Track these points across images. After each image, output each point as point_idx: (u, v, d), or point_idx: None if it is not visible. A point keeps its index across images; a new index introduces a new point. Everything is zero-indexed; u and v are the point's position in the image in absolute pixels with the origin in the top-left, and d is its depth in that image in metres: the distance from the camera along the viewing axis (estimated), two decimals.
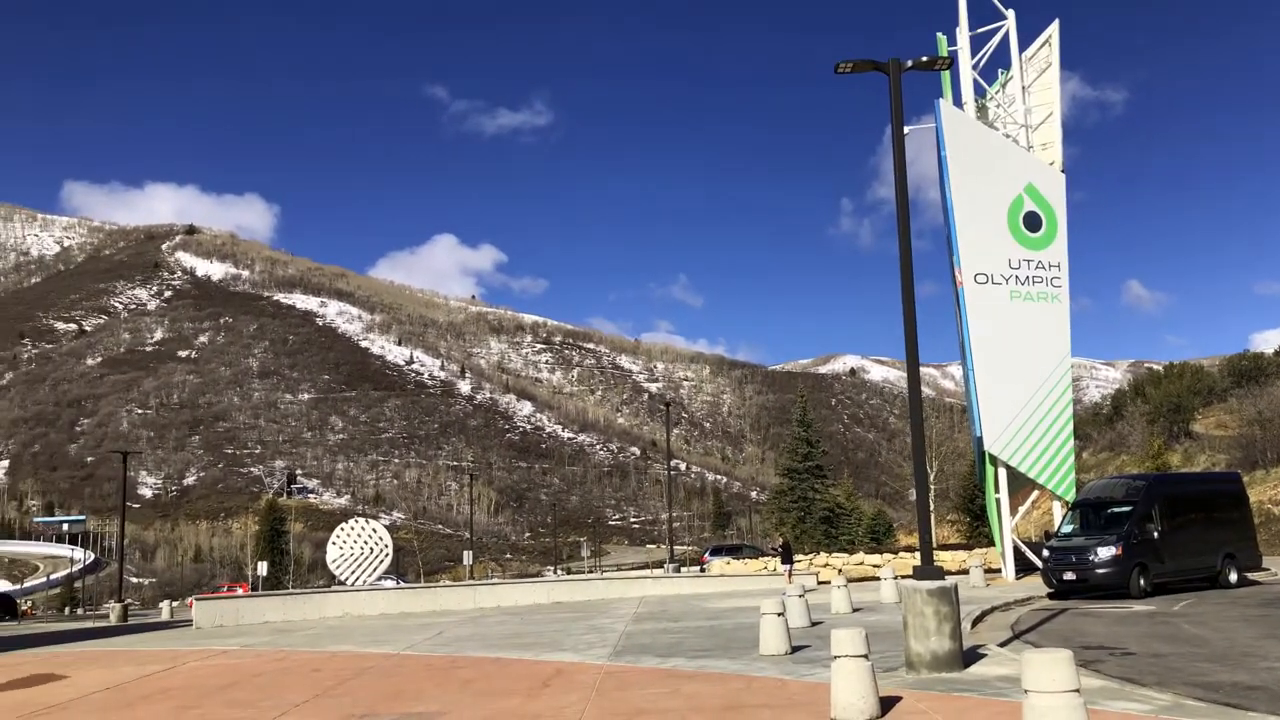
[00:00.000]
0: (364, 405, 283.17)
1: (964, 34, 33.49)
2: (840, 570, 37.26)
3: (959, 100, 33.13)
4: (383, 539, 37.97)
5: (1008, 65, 34.08)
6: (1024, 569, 32.57)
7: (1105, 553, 24.75)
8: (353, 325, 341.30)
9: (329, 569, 40.26)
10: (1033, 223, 32.03)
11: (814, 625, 19.01)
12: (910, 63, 15.33)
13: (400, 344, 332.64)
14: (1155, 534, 25.60)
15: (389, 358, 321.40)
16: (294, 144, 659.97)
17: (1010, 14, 33.81)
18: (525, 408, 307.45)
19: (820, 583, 34.91)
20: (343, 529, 38.43)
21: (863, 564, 39.91)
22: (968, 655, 13.18)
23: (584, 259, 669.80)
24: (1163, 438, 70.93)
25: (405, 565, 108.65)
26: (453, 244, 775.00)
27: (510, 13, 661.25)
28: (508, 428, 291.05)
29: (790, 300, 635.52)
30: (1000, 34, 33.92)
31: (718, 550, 56.88)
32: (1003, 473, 31.65)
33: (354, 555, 37.01)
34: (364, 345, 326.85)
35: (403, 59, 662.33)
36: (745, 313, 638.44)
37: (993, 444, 31.20)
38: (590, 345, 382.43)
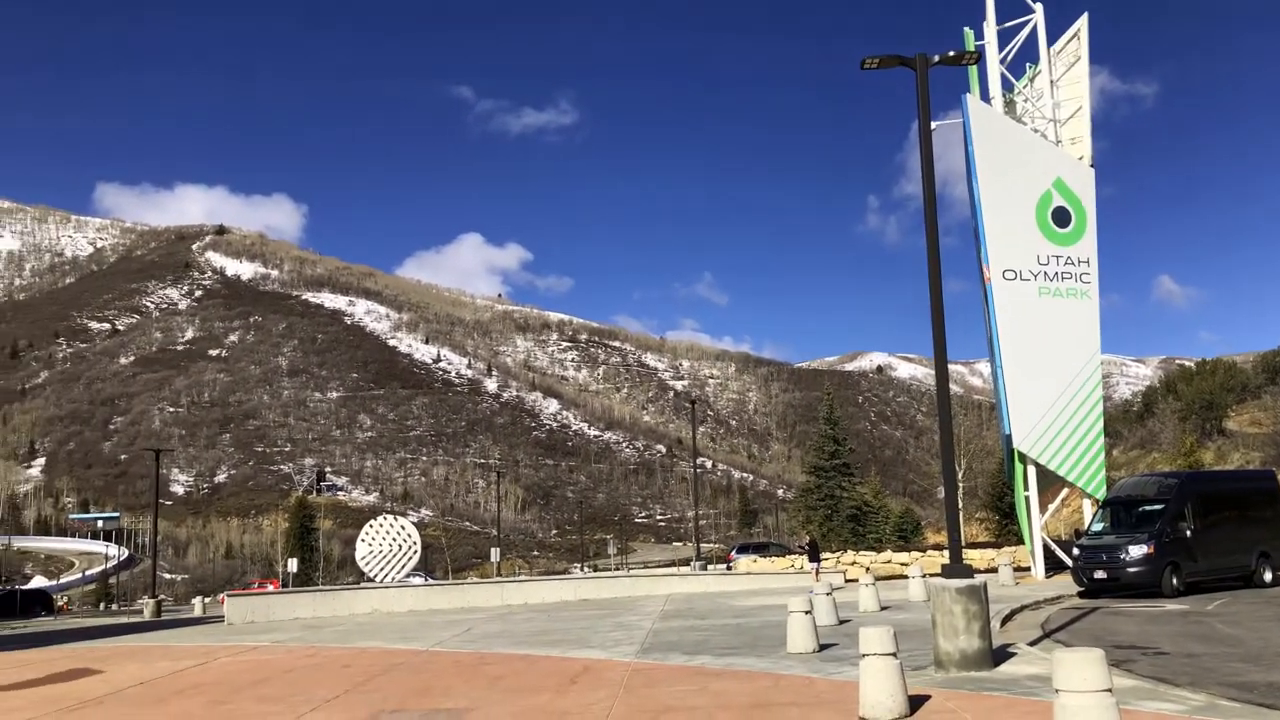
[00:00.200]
0: (392, 403, 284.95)
1: (991, 28, 33.27)
2: (868, 568, 37.16)
3: (986, 95, 32.94)
4: (411, 536, 38.28)
5: (1036, 59, 33.82)
6: (1053, 567, 32.34)
7: (1137, 551, 24.52)
8: (380, 324, 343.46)
9: (358, 566, 40.62)
10: (1062, 218, 31.76)
11: (841, 623, 18.97)
12: (937, 58, 15.22)
13: (427, 342, 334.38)
14: (1188, 532, 25.33)
15: (416, 356, 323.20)
16: (321, 145, 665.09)
17: (1038, 7, 33.56)
18: (551, 406, 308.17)
19: (847, 581, 34.83)
20: (371, 526, 38.78)
21: (890, 562, 39.80)
22: (997, 654, 13.10)
23: (609, 257, 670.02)
24: (1195, 435, 69.93)
25: (433, 562, 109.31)
26: (479, 243, 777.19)
27: (534, 12, 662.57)
28: (534, 425, 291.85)
29: (816, 297, 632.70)
30: (1028, 28, 33.68)
31: (744, 548, 56.88)
32: (1032, 470, 31.42)
33: (383, 552, 37.34)
34: (392, 344, 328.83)
35: (428, 60, 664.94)
36: (771, 310, 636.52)
37: (1022, 441, 30.98)
38: (616, 343, 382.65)
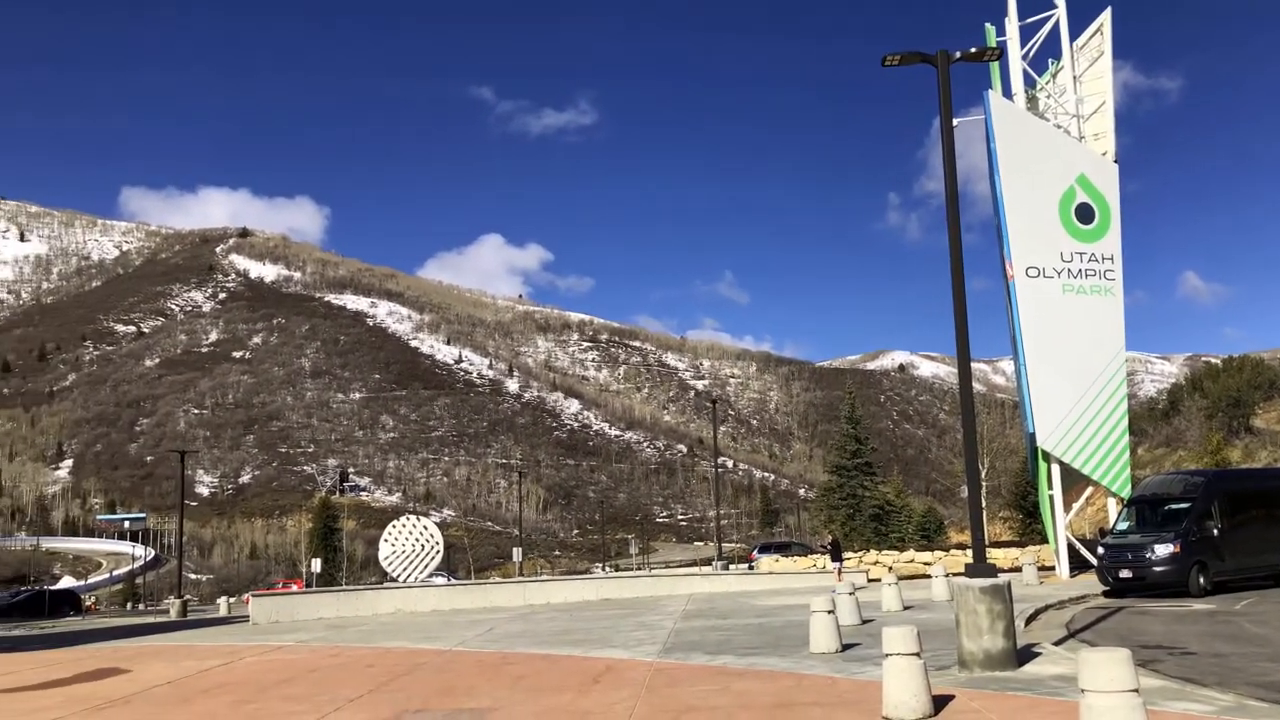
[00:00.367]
0: (414, 404, 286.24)
1: (1013, 24, 33.08)
2: (891, 568, 37.02)
3: (1008, 91, 32.74)
4: (434, 536, 38.45)
5: (1058, 55, 33.56)
6: (1078, 566, 32.09)
7: (1163, 550, 24.28)
8: (402, 325, 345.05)
9: (381, 566, 40.84)
10: (1085, 214, 31.51)
11: (864, 623, 18.89)
12: (959, 54, 15.12)
13: (449, 343, 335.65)
14: (1215, 531, 25.06)
15: (438, 357, 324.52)
16: (343, 147, 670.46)
17: (1060, 3, 33.31)
18: (572, 406, 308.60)
19: (870, 580, 34.71)
20: (395, 526, 38.99)
21: (913, 561, 39.61)
22: (1022, 654, 13.01)
23: (629, 257, 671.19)
24: (1222, 433, 69.16)
25: (456, 562, 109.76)
26: (499, 244, 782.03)
27: (554, 12, 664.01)
28: (555, 426, 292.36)
29: (838, 296, 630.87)
30: (1050, 23, 33.42)
31: (766, 548, 56.76)
32: (1056, 469, 31.18)
33: (406, 552, 37.52)
34: (414, 345, 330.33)
35: (448, 61, 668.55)
36: (792, 309, 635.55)
37: (1045, 440, 30.75)
38: (636, 343, 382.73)
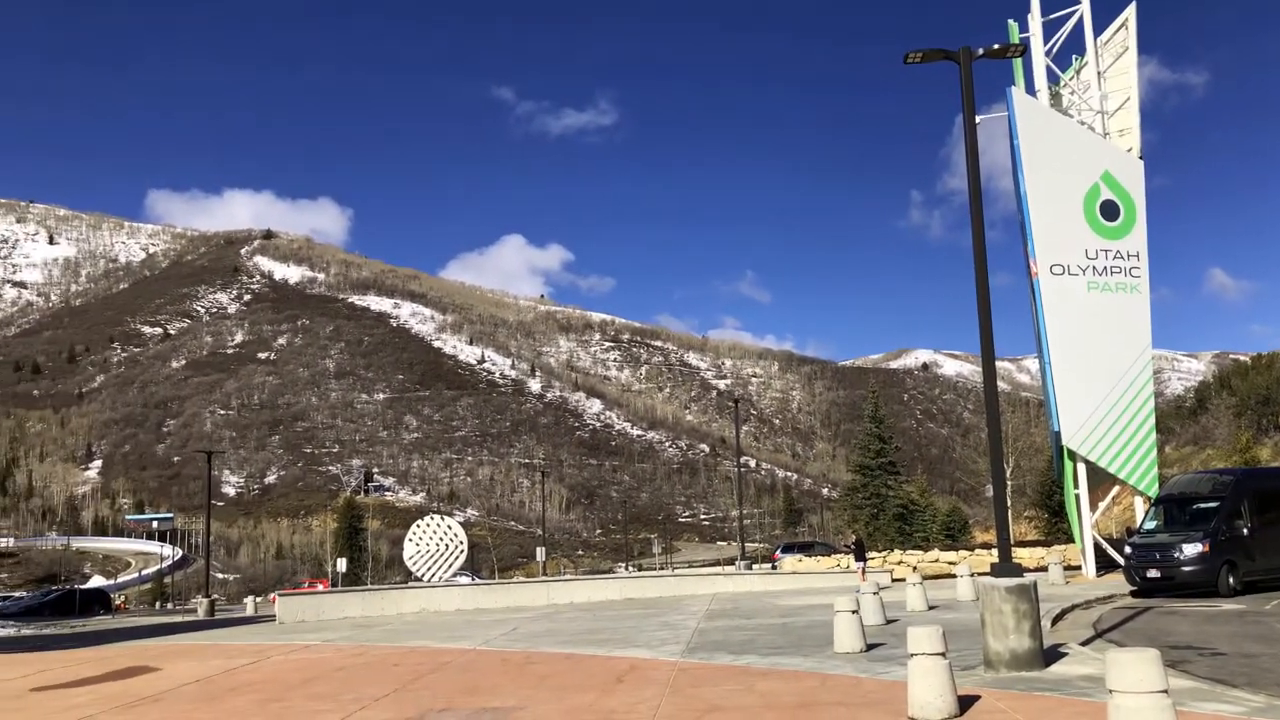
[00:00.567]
0: (437, 404, 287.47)
1: (1036, 20, 32.83)
2: (915, 567, 36.87)
3: (1032, 88, 32.49)
4: (458, 535, 38.60)
5: (1082, 51, 33.28)
6: (1105, 566, 31.83)
7: (1191, 550, 24.05)
8: (425, 326, 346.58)
9: (406, 565, 41.06)
10: (1110, 211, 31.23)
11: (889, 623, 18.83)
12: (981, 51, 15.03)
13: (472, 344, 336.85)
14: (1244, 530, 24.79)
15: (461, 357, 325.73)
16: (364, 149, 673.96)
17: None
18: (595, 405, 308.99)
19: (894, 580, 34.58)
20: (419, 526, 39.17)
21: (938, 561, 39.43)
22: (1048, 654, 12.94)
23: (650, 257, 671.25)
24: (1250, 431, 68.39)
25: (479, 561, 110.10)
26: (521, 244, 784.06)
27: (573, 13, 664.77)
28: (578, 425, 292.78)
29: (860, 295, 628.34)
30: (1074, 19, 33.15)
31: (789, 548, 56.67)
32: (1082, 468, 30.94)
33: (430, 552, 37.69)
34: (437, 345, 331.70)
35: (469, 62, 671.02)
36: (814, 308, 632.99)
37: (1071, 439, 30.51)
38: (658, 343, 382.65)
